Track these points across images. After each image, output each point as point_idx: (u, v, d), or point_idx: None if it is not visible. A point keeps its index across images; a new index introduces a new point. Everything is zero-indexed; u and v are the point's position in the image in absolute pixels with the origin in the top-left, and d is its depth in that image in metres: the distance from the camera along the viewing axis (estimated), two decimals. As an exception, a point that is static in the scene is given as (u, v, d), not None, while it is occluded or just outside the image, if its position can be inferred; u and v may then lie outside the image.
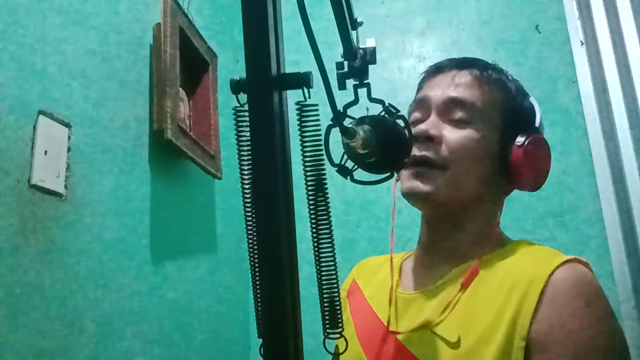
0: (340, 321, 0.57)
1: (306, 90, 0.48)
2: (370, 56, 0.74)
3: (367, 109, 0.74)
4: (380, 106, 0.74)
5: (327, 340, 0.57)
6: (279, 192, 0.44)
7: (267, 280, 0.43)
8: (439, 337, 0.69)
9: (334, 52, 0.75)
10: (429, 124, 0.75)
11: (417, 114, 0.80)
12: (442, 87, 0.78)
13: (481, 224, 0.78)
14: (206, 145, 1.36)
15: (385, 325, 0.77)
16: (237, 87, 0.48)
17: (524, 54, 1.71)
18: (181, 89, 1.31)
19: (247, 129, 0.46)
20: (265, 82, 0.43)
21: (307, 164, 0.53)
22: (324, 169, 0.54)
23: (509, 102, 0.78)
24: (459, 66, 0.80)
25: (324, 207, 0.54)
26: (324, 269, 0.55)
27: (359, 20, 0.74)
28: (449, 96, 0.76)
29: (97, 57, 1.03)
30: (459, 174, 0.74)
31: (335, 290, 0.55)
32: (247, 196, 0.52)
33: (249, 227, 0.53)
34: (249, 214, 0.52)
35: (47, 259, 0.83)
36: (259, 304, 0.56)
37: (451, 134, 0.74)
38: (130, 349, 1.02)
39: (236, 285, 1.61)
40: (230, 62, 1.75)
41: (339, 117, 0.57)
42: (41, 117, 0.84)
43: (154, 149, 1.18)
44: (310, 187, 0.54)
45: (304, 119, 0.52)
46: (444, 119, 0.76)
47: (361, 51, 0.74)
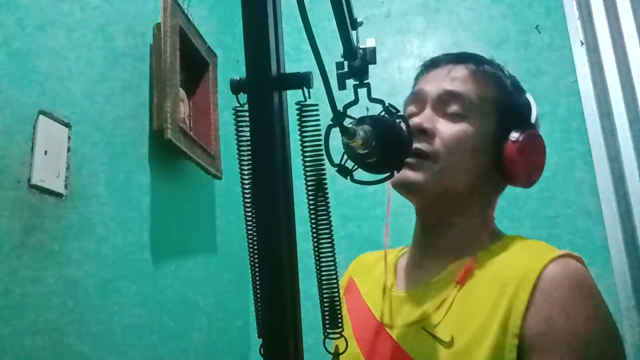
0: (340, 321, 0.57)
1: (306, 90, 0.48)
2: (370, 56, 0.74)
3: (367, 109, 0.74)
4: (380, 106, 0.74)
5: (327, 340, 0.57)
6: (279, 192, 0.44)
7: (267, 280, 0.43)
8: (433, 336, 0.69)
9: (334, 52, 0.75)
10: (423, 117, 0.75)
11: (412, 108, 0.80)
12: (437, 81, 0.78)
13: (474, 219, 0.77)
14: (206, 145, 1.36)
15: (381, 325, 0.76)
16: (237, 87, 0.48)
17: (524, 54, 1.71)
18: (181, 89, 1.31)
19: (247, 129, 0.46)
20: (265, 82, 0.43)
21: (307, 164, 0.53)
22: (324, 169, 0.54)
23: (504, 97, 0.78)
24: (455, 60, 0.80)
25: (324, 207, 0.54)
26: (324, 269, 0.55)
27: (359, 20, 0.74)
28: (444, 90, 0.76)
29: (97, 57, 1.03)
30: (451, 166, 0.73)
31: (335, 290, 0.55)
32: (247, 196, 0.52)
33: (249, 227, 0.53)
34: (249, 214, 0.52)
35: (47, 259, 0.83)
36: (259, 304, 0.56)
37: (445, 127, 0.74)
38: (130, 349, 1.02)
39: (236, 285, 1.61)
40: (230, 62, 1.75)
41: (339, 117, 0.57)
42: (41, 117, 0.84)
43: (154, 149, 1.18)
44: (310, 187, 0.54)
45: (304, 119, 0.52)
46: (439, 112, 0.76)
47: (361, 51, 0.73)
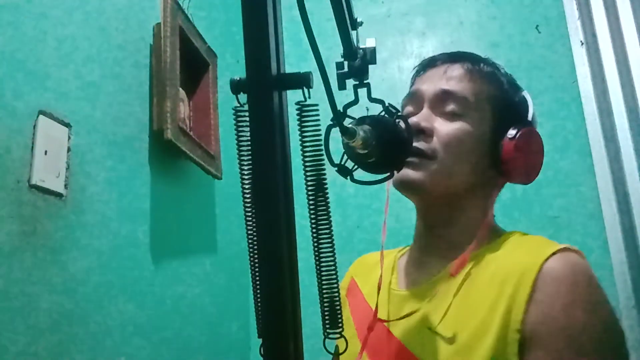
0: (340, 321, 0.57)
1: (306, 90, 0.48)
2: (370, 56, 0.74)
3: (367, 109, 0.74)
4: (380, 106, 0.74)
5: (327, 340, 0.57)
6: (279, 192, 0.44)
7: (267, 280, 0.43)
8: (436, 333, 0.69)
9: (334, 52, 0.75)
10: (420, 116, 0.76)
11: (409, 107, 0.80)
12: (434, 81, 0.79)
13: (474, 217, 0.78)
14: (206, 145, 1.36)
15: (384, 324, 0.77)
16: (237, 87, 0.48)
17: (524, 54, 1.71)
18: (181, 89, 1.31)
19: (247, 129, 0.46)
20: (265, 82, 0.43)
21: (307, 164, 0.53)
22: (324, 169, 0.54)
23: (500, 95, 0.78)
24: (451, 60, 0.80)
25: (324, 207, 0.54)
26: (324, 269, 0.55)
27: (359, 20, 0.74)
28: (440, 89, 0.77)
29: (97, 57, 1.03)
30: (450, 165, 0.74)
31: (335, 290, 0.55)
32: (247, 196, 0.52)
33: (249, 227, 0.53)
34: (249, 214, 0.52)
35: (47, 259, 0.83)
36: (259, 304, 0.56)
37: (443, 126, 0.75)
38: (130, 349, 1.02)
39: (236, 285, 1.61)
40: (230, 62, 1.75)
41: (339, 117, 0.57)
42: (41, 117, 0.84)
43: (154, 149, 1.18)
44: (310, 187, 0.54)
45: (304, 119, 0.52)
46: (436, 111, 0.77)
47: (361, 51, 0.74)
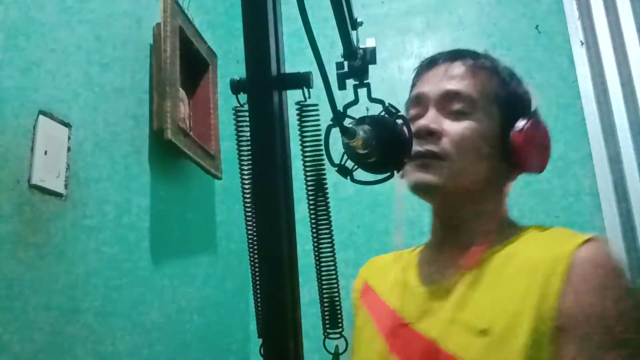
0: (340, 321, 0.57)
1: (306, 90, 0.48)
2: (370, 56, 0.74)
3: (367, 109, 0.74)
4: (380, 106, 0.74)
5: (326, 340, 0.57)
6: (279, 192, 0.44)
7: (267, 280, 0.43)
8: (466, 328, 0.69)
9: (334, 52, 0.75)
10: (428, 118, 0.76)
11: (415, 110, 0.81)
12: (436, 81, 0.79)
13: (489, 211, 0.79)
14: (206, 145, 1.36)
15: (408, 322, 0.76)
16: (237, 87, 0.48)
17: (524, 54, 1.71)
18: (181, 89, 1.31)
19: (247, 129, 0.46)
20: (265, 82, 0.43)
21: (307, 164, 0.53)
22: (324, 169, 0.54)
23: (503, 89, 0.79)
24: (451, 58, 0.81)
25: (324, 207, 0.54)
26: (324, 269, 0.55)
27: (359, 20, 0.74)
28: (444, 89, 0.77)
29: (97, 57, 1.03)
30: (462, 164, 0.75)
31: (335, 290, 0.55)
32: (247, 196, 0.52)
33: (249, 227, 0.53)
34: (249, 214, 0.52)
35: (47, 259, 0.83)
36: (259, 304, 0.56)
37: (451, 127, 0.75)
38: (130, 349, 1.02)
39: (236, 285, 1.61)
40: (230, 62, 1.75)
41: (339, 117, 0.57)
42: (41, 117, 0.84)
43: (154, 149, 1.18)
44: (310, 187, 0.54)
45: (304, 119, 0.52)
46: (443, 112, 0.77)
47: (361, 51, 0.74)
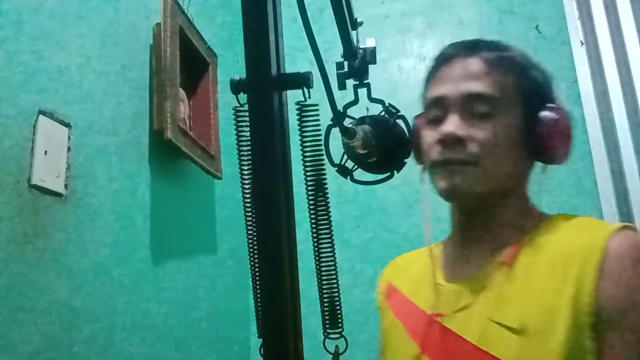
0: (340, 321, 0.57)
1: (306, 90, 0.48)
2: (370, 56, 0.74)
3: (367, 109, 0.74)
4: (380, 106, 0.74)
5: (326, 340, 0.57)
6: (279, 192, 0.44)
7: (267, 280, 0.43)
8: (501, 325, 0.67)
9: (334, 52, 0.75)
10: (453, 124, 0.73)
11: (434, 113, 0.77)
12: (455, 82, 0.75)
13: (516, 205, 0.77)
14: (206, 145, 1.36)
15: (439, 322, 0.74)
16: (237, 87, 0.48)
17: (524, 54, 1.71)
18: (181, 89, 1.31)
19: (247, 129, 0.46)
20: (265, 82, 0.44)
21: (307, 164, 0.53)
22: (324, 169, 0.54)
23: (524, 80, 0.76)
24: (467, 53, 0.77)
25: (324, 207, 0.54)
26: (324, 269, 0.55)
27: (359, 20, 0.74)
28: (465, 93, 0.74)
29: (97, 57, 1.03)
30: (493, 167, 0.72)
31: (335, 290, 0.55)
32: (247, 196, 0.52)
33: (249, 227, 0.53)
34: (249, 214, 0.52)
35: (47, 258, 0.83)
36: (259, 304, 0.56)
37: (477, 130, 0.73)
38: (130, 349, 1.02)
39: (236, 285, 1.61)
40: (230, 62, 1.75)
41: (339, 117, 0.57)
42: (41, 117, 0.84)
43: (154, 149, 1.18)
44: (310, 187, 0.54)
45: (304, 119, 0.52)
46: (465, 114, 0.74)
47: (361, 51, 0.74)
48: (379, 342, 0.87)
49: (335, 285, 0.56)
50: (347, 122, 0.70)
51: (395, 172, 0.76)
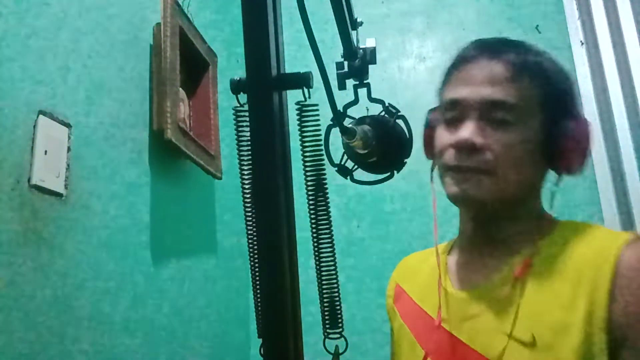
0: (340, 321, 0.57)
1: (306, 90, 0.48)
2: (370, 56, 0.74)
3: (367, 109, 0.74)
4: (380, 106, 0.74)
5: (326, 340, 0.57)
6: (279, 192, 0.44)
7: (267, 280, 0.43)
8: (511, 337, 0.66)
9: (334, 52, 0.75)
10: (470, 130, 0.70)
11: (451, 114, 0.74)
12: (476, 86, 0.72)
13: (529, 212, 0.75)
14: (206, 145, 1.36)
15: (447, 330, 0.73)
16: (237, 87, 0.48)
17: (524, 54, 1.71)
18: (181, 89, 1.31)
19: (247, 129, 0.46)
20: (265, 82, 0.44)
21: (307, 164, 0.53)
22: (324, 169, 0.54)
23: (549, 89, 0.72)
24: (492, 55, 0.72)
25: (324, 207, 0.54)
26: (324, 269, 0.55)
27: (359, 20, 0.74)
28: (487, 99, 0.70)
29: (97, 57, 1.03)
30: (510, 177, 0.70)
31: (335, 290, 0.55)
32: (247, 196, 0.52)
33: (249, 227, 0.53)
34: (249, 214, 0.52)
35: (47, 258, 0.83)
36: (259, 304, 0.56)
37: (496, 139, 0.70)
38: (130, 349, 1.02)
39: (236, 285, 1.61)
40: (230, 62, 1.75)
41: (339, 117, 0.57)
42: (41, 117, 0.84)
43: (154, 149, 1.18)
44: (310, 187, 0.54)
45: (304, 119, 0.52)
46: (484, 120, 0.71)
47: (361, 51, 0.74)
48: (390, 345, 0.87)
49: (335, 285, 0.56)
50: (347, 122, 0.70)
51: (395, 172, 0.76)
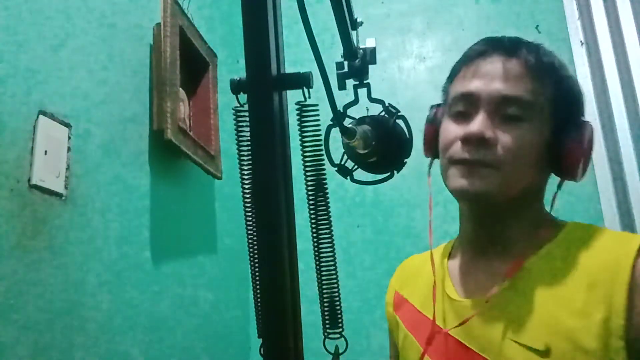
0: (340, 321, 0.57)
1: (306, 90, 0.48)
2: (370, 56, 0.74)
3: (367, 109, 0.74)
4: (380, 106, 0.74)
5: (326, 340, 0.57)
6: (279, 192, 0.44)
7: (267, 280, 0.43)
8: (524, 346, 0.65)
9: (334, 52, 0.75)
10: (480, 123, 0.70)
11: (461, 108, 0.74)
12: (489, 80, 0.71)
13: (530, 215, 0.75)
14: (206, 145, 1.36)
15: (458, 340, 0.71)
16: (237, 87, 0.48)
17: (524, 54, 1.71)
18: (181, 89, 1.31)
19: (247, 129, 0.46)
20: (265, 82, 0.44)
21: (307, 164, 0.53)
22: (324, 169, 0.54)
23: (559, 91, 0.73)
24: (508, 53, 0.73)
25: (324, 207, 0.54)
26: (324, 269, 0.55)
27: (359, 20, 0.74)
28: (501, 95, 0.71)
29: (97, 57, 1.03)
30: (515, 174, 0.70)
31: (335, 290, 0.55)
32: (247, 196, 0.52)
33: (249, 227, 0.53)
34: (249, 214, 0.52)
35: (47, 258, 0.83)
36: (259, 304, 0.56)
37: (506, 134, 0.70)
38: (130, 349, 1.02)
39: (236, 285, 1.61)
40: (230, 62, 1.75)
41: (339, 117, 0.57)
42: (41, 117, 0.84)
43: (154, 149, 1.18)
44: (310, 187, 0.54)
45: (304, 119, 0.52)
46: (495, 115, 0.71)
47: (361, 51, 0.74)
48: (389, 349, 0.86)
49: (335, 285, 0.56)
50: (347, 122, 0.70)
51: (395, 172, 0.75)
